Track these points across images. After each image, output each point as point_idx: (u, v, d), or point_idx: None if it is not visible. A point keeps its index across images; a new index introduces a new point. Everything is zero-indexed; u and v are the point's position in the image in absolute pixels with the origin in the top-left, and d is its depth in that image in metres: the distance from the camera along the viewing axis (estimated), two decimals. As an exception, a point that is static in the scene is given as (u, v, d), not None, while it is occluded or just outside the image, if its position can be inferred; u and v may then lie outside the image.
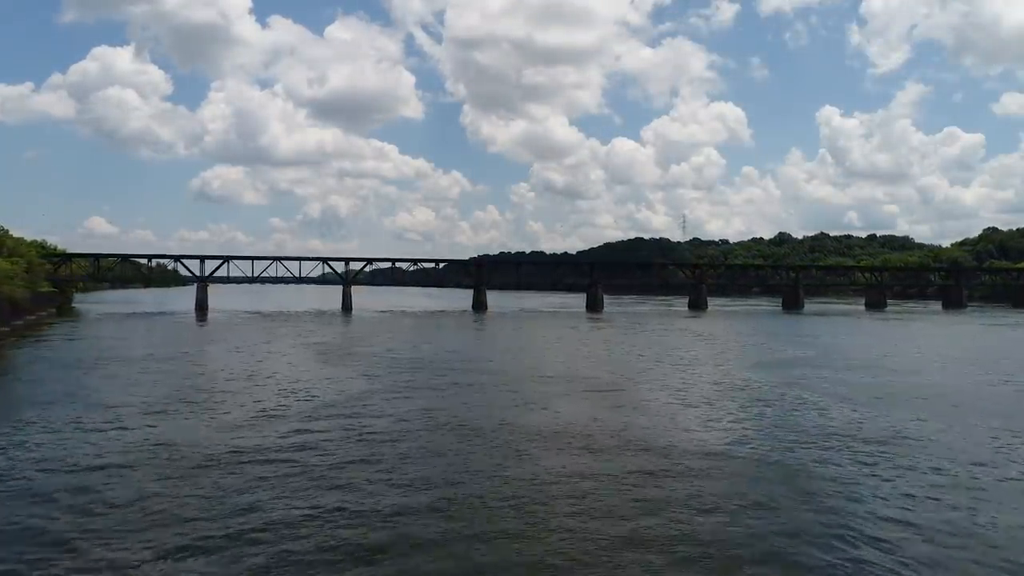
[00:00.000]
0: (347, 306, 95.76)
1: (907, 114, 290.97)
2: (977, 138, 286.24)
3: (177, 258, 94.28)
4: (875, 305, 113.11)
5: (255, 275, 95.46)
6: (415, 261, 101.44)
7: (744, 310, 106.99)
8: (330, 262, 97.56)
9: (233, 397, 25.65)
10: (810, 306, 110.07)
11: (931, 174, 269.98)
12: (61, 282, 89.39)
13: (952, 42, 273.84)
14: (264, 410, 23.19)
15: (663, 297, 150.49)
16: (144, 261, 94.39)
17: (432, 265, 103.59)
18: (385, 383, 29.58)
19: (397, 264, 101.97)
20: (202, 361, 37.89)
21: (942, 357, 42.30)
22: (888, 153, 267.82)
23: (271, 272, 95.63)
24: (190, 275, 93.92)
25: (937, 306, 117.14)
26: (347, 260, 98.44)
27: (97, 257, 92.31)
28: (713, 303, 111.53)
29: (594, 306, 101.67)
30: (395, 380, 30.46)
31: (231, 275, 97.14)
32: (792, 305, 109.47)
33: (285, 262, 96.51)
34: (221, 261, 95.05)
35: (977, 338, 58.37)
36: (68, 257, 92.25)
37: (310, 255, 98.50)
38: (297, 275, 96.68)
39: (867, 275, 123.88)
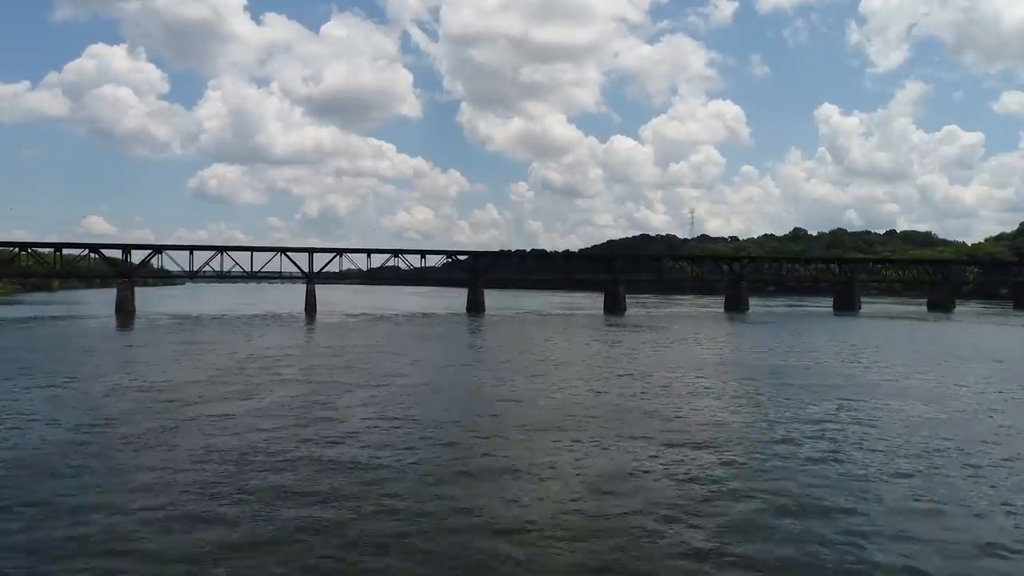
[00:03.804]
0: (311, 308, 71.35)
1: (907, 112, 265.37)
2: (977, 137, 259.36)
3: (93, 247, 69.49)
4: (940, 306, 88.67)
5: (194, 269, 71.10)
6: (396, 252, 76.63)
7: (793, 312, 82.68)
8: (289, 253, 73.01)
9: None
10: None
11: (931, 173, 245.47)
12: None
13: (952, 40, 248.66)
14: None
15: (681, 296, 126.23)
16: (49, 251, 69.40)
17: (419, 258, 78.77)
18: None
19: (374, 255, 76.76)
20: None
21: None
22: (888, 152, 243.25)
23: (215, 265, 71.28)
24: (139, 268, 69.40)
25: (996, 306, 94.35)
26: (311, 251, 73.82)
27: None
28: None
29: (615, 307, 77.29)
30: None
31: (165, 269, 73.13)
32: (847, 306, 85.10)
33: (234, 253, 72.08)
34: (151, 251, 70.64)
35: None
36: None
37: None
38: (249, 269, 72.16)
39: (931, 271, 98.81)
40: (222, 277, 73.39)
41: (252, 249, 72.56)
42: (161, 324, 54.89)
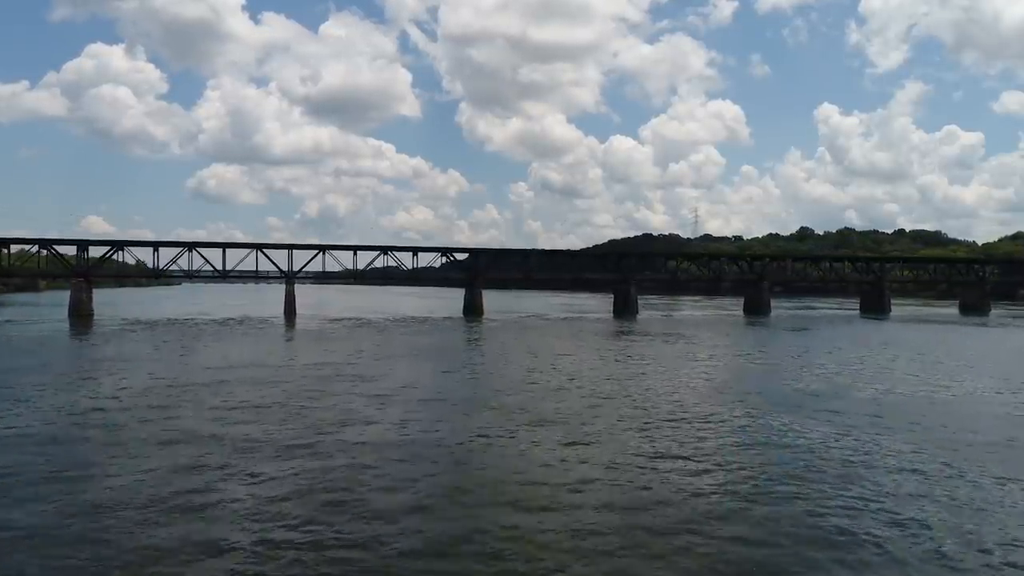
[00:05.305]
0: (290, 311, 62.77)
1: (906, 112, 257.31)
2: (977, 137, 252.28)
3: (45, 243, 60.75)
4: (975, 308, 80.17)
5: (159, 267, 62.41)
6: (385, 249, 67.92)
7: (817, 315, 74.06)
8: (265, 249, 64.32)
9: None
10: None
11: (930, 173, 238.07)
12: None
13: (952, 40, 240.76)
14: None
15: (688, 297, 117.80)
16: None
17: (411, 256, 69.92)
18: None
19: (360, 253, 67.87)
20: None
21: None
22: (887, 152, 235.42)
23: (182, 264, 62.57)
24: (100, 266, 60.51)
25: (1018, 307, 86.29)
26: (290, 247, 65.15)
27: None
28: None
29: (626, 310, 68.73)
30: None
31: (126, 268, 64.46)
32: (876, 309, 76.51)
33: (203, 250, 63.37)
34: (111, 248, 61.94)
35: None
36: None
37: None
38: (221, 269, 63.44)
39: (963, 270, 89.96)
40: (191, 276, 64.66)
41: (224, 245, 63.89)
42: (110, 331, 46.32)
